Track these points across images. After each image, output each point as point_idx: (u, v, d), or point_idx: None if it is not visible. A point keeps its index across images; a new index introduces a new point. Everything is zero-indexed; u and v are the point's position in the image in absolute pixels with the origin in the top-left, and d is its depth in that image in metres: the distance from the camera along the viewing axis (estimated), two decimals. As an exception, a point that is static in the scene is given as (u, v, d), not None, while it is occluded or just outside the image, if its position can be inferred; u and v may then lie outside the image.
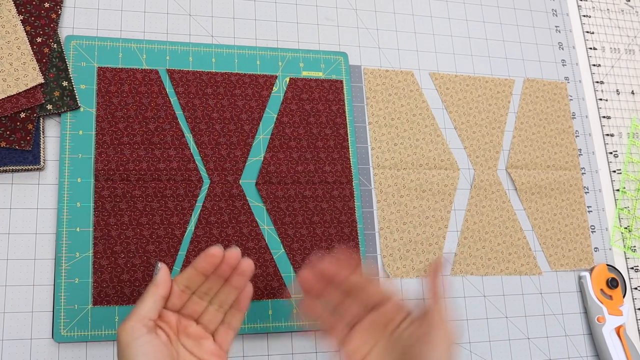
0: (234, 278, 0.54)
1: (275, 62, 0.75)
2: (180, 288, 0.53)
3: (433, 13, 0.85)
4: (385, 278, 0.72)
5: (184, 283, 0.53)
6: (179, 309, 0.53)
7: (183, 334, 0.53)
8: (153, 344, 0.49)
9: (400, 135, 0.77)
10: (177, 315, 0.53)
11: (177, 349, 0.52)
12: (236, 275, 0.54)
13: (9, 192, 0.63)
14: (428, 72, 0.81)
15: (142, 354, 0.48)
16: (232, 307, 0.55)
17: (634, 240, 0.84)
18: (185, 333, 0.53)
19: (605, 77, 0.90)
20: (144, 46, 0.70)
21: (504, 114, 0.83)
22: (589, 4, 0.93)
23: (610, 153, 0.86)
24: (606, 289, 0.78)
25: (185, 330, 0.53)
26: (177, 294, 0.53)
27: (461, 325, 0.73)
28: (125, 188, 0.65)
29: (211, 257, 0.52)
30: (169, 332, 0.52)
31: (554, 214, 0.81)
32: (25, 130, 0.63)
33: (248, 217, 0.68)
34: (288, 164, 0.71)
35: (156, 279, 0.51)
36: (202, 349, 0.53)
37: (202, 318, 0.54)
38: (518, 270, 0.77)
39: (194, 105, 0.70)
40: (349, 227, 0.71)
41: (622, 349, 0.75)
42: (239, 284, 0.54)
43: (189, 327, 0.53)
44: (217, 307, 0.54)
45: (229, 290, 0.54)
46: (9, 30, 0.65)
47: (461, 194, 0.78)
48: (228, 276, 0.53)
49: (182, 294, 0.53)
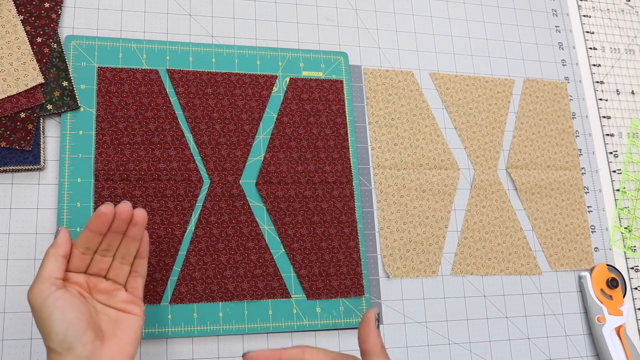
0: (130, 230, 0.55)
1: (275, 62, 0.75)
2: (80, 251, 0.54)
3: (433, 13, 0.85)
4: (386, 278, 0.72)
5: (83, 245, 0.54)
6: (84, 270, 0.55)
7: (95, 291, 0.55)
8: (65, 297, 0.50)
9: (401, 135, 0.77)
10: (84, 276, 0.55)
11: (93, 305, 0.54)
12: (131, 227, 0.55)
13: (9, 192, 0.63)
14: (428, 72, 0.81)
15: (57, 309, 0.49)
16: (135, 257, 0.57)
17: (634, 240, 0.84)
18: (97, 290, 0.55)
19: (605, 77, 0.90)
20: (144, 46, 0.70)
21: (504, 114, 0.83)
22: (589, 4, 0.93)
23: (610, 153, 0.86)
24: (606, 289, 0.78)
25: (96, 288, 0.55)
26: (78, 257, 0.54)
27: (461, 325, 0.73)
28: (125, 188, 0.65)
29: (103, 215, 0.53)
30: (81, 290, 0.54)
31: (554, 214, 0.81)
32: (25, 130, 0.63)
33: (248, 217, 0.68)
34: (288, 164, 0.71)
35: (55, 240, 0.53)
36: (116, 300, 0.55)
37: (109, 274, 0.56)
38: (518, 270, 0.77)
39: (194, 105, 0.70)
40: (349, 227, 0.71)
41: (622, 349, 0.75)
42: (135, 235, 0.55)
43: (99, 284, 0.56)
44: (121, 260, 0.56)
45: (128, 242, 0.56)
46: (9, 30, 0.65)
47: (461, 194, 0.78)
48: (124, 230, 0.55)
49: (83, 255, 0.54)
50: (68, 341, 0.49)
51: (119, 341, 0.53)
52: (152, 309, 0.63)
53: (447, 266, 0.75)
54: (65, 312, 0.50)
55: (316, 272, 0.69)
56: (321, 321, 0.68)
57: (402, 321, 0.71)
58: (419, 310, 0.72)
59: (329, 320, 0.68)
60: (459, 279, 0.75)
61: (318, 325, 0.68)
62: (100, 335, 0.52)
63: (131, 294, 0.56)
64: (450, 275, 0.74)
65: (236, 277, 0.66)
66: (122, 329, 0.54)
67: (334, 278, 0.69)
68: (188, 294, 0.64)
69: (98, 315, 0.54)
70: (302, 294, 0.68)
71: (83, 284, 0.55)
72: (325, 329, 0.68)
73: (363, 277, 0.70)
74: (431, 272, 0.74)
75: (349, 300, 0.69)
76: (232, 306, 0.65)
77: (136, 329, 0.55)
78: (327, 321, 0.68)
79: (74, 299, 0.51)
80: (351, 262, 0.70)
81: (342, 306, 0.69)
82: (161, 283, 0.64)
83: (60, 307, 0.50)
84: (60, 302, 0.50)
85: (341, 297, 0.69)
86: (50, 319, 0.49)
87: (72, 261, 0.54)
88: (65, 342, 0.49)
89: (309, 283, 0.68)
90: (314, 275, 0.69)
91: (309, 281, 0.68)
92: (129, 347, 0.53)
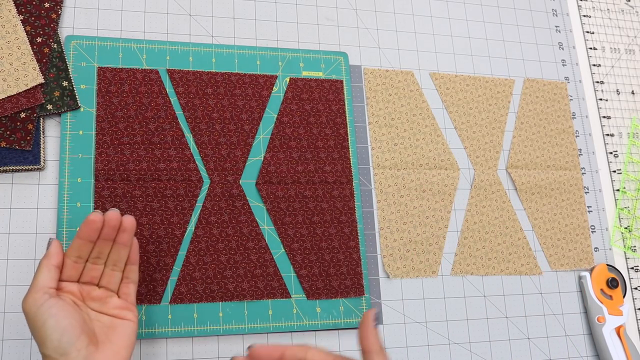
0: (119, 237, 0.56)
1: (275, 62, 0.75)
2: (73, 260, 0.55)
3: (433, 13, 0.85)
4: (386, 278, 0.72)
5: (75, 254, 0.55)
6: (77, 279, 0.56)
7: (88, 299, 0.56)
8: (59, 305, 0.52)
9: (400, 135, 0.77)
10: (78, 285, 0.56)
11: (87, 312, 0.55)
12: (120, 233, 0.56)
13: (9, 192, 0.63)
14: (428, 72, 0.81)
15: (51, 316, 0.51)
16: (126, 263, 0.58)
17: (634, 240, 0.84)
18: (90, 297, 0.56)
19: (605, 77, 0.90)
20: (144, 46, 0.70)
21: (504, 114, 0.83)
22: (589, 4, 0.93)
23: (611, 153, 0.86)
24: (606, 288, 0.78)
25: (89, 295, 0.56)
26: (71, 266, 0.55)
27: (461, 325, 0.73)
28: (125, 188, 0.65)
29: (92, 223, 0.54)
30: (74, 299, 0.55)
31: (554, 214, 0.81)
32: (25, 130, 0.63)
33: (248, 217, 0.68)
34: (288, 164, 0.71)
35: (47, 251, 0.54)
36: (109, 306, 0.57)
37: (102, 281, 0.57)
38: (518, 270, 0.77)
39: (194, 105, 0.70)
40: (349, 227, 0.71)
41: (622, 349, 0.75)
42: (125, 241, 0.56)
43: (91, 292, 0.57)
44: (112, 267, 0.57)
45: (118, 249, 0.57)
46: (9, 30, 0.65)
47: (461, 194, 0.78)
48: (114, 237, 0.56)
49: (75, 264, 0.56)
50: (62, 347, 0.50)
51: (113, 346, 0.54)
52: (152, 309, 0.63)
53: (447, 266, 0.75)
54: (59, 319, 0.51)
55: (316, 272, 0.69)
56: (321, 321, 0.68)
57: (402, 321, 0.71)
58: (419, 310, 0.72)
59: (329, 320, 0.68)
60: (459, 279, 0.75)
61: (318, 325, 0.68)
62: (94, 340, 0.53)
63: (124, 300, 0.58)
64: (450, 275, 0.75)
65: (236, 277, 0.66)
66: (116, 334, 0.55)
67: (334, 278, 0.69)
68: (188, 294, 0.64)
69: (92, 322, 0.55)
70: (302, 294, 0.68)
71: (76, 292, 0.56)
72: (325, 329, 0.68)
73: (363, 277, 0.70)
74: (431, 272, 0.74)
75: (349, 300, 0.69)
76: (232, 306, 0.65)
77: (130, 334, 0.56)
78: (327, 321, 0.68)
79: (67, 307, 0.52)
80: (351, 262, 0.70)
81: (342, 306, 0.69)
82: (161, 283, 0.64)
83: (54, 314, 0.51)
84: (54, 309, 0.51)
85: (341, 297, 0.69)
86: (45, 327, 0.50)
87: (65, 271, 0.55)
88: (60, 348, 0.50)
89: (309, 283, 0.68)
90: (314, 275, 0.69)
91: (309, 281, 0.68)
92: (123, 352, 0.54)
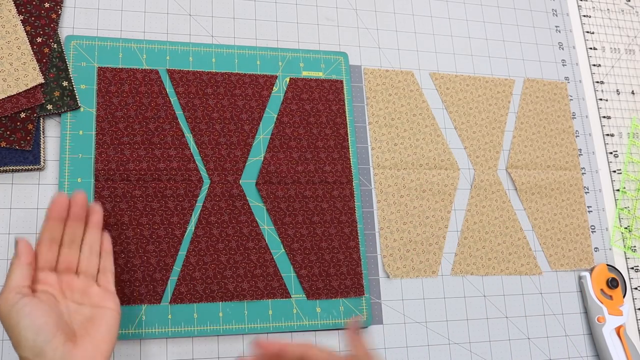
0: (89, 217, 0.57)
1: (275, 62, 0.75)
2: (46, 245, 0.55)
3: (433, 13, 0.85)
4: (386, 278, 0.72)
5: (47, 237, 0.55)
6: (54, 266, 0.56)
7: (68, 290, 0.56)
8: (32, 303, 0.51)
9: (400, 135, 0.77)
10: (56, 275, 0.56)
11: (67, 305, 0.55)
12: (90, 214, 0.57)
13: (9, 192, 0.63)
14: (428, 72, 0.81)
15: (25, 315, 0.50)
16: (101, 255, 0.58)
17: (634, 240, 0.84)
18: (70, 288, 0.56)
19: (605, 77, 0.90)
20: (144, 46, 0.70)
21: (504, 114, 0.83)
22: (589, 4, 0.93)
23: (611, 153, 0.86)
24: (606, 289, 0.78)
25: (69, 286, 0.56)
26: (45, 251, 0.55)
27: (461, 325, 0.73)
28: (125, 188, 0.65)
29: (57, 201, 0.55)
30: (53, 292, 0.54)
31: (554, 214, 0.81)
32: (25, 130, 0.63)
33: (248, 217, 0.68)
34: (288, 164, 0.71)
35: (16, 250, 0.54)
36: (90, 296, 0.56)
37: (80, 267, 0.57)
38: (518, 270, 0.77)
39: (194, 105, 0.70)
40: (349, 227, 0.71)
41: (622, 349, 0.75)
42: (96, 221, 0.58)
43: (72, 281, 0.56)
44: (89, 251, 0.57)
45: (91, 232, 0.57)
46: (9, 30, 0.65)
47: (461, 194, 0.78)
48: (83, 217, 0.57)
49: (50, 249, 0.55)
50: (38, 346, 0.49)
51: (93, 340, 0.53)
52: (152, 309, 0.63)
53: (447, 266, 0.75)
54: (33, 318, 0.50)
55: (316, 272, 0.69)
56: (321, 321, 0.68)
57: (402, 321, 0.71)
58: (419, 310, 0.72)
59: (329, 320, 0.68)
60: (459, 279, 0.75)
61: (318, 325, 0.68)
62: (72, 337, 0.52)
63: (105, 289, 0.57)
64: (450, 275, 0.75)
65: (236, 277, 0.66)
66: (96, 327, 0.54)
67: (334, 278, 0.69)
68: (188, 294, 0.64)
69: (71, 316, 0.54)
70: (302, 294, 0.68)
71: (55, 284, 0.55)
72: (325, 329, 0.68)
73: (363, 277, 0.70)
74: (431, 272, 0.74)
75: (349, 300, 0.69)
76: (232, 306, 0.65)
77: (111, 325, 0.55)
78: (327, 321, 0.68)
79: (42, 305, 0.52)
80: (351, 262, 0.70)
81: (342, 306, 0.69)
82: (161, 283, 0.64)
83: (28, 313, 0.50)
84: (28, 308, 0.50)
85: (341, 297, 0.69)
86: (19, 326, 0.50)
87: (40, 258, 0.55)
88: (36, 347, 0.49)
89: (309, 283, 0.68)
90: (314, 275, 0.69)
91: (309, 281, 0.68)
92: (103, 346, 0.53)
